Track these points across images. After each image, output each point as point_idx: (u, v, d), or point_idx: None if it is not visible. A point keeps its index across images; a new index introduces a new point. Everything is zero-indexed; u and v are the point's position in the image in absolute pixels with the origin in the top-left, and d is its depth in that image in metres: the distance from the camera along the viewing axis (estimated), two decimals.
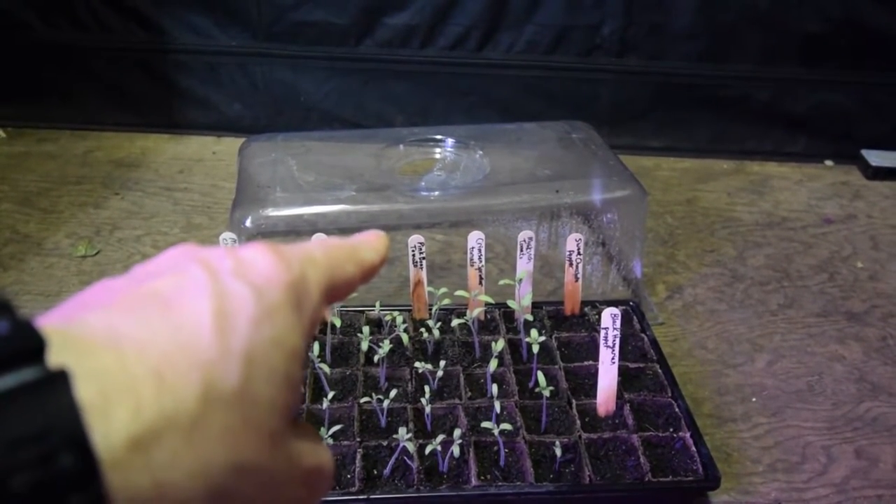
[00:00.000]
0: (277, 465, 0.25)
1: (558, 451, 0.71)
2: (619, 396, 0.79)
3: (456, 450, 0.70)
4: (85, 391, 0.20)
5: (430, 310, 0.88)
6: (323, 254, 0.30)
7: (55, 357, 0.20)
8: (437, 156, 1.11)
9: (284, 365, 0.25)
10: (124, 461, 0.20)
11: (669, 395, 0.81)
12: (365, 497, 0.68)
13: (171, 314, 0.24)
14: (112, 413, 0.20)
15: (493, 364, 0.79)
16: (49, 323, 0.22)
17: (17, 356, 0.20)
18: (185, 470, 0.22)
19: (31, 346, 0.20)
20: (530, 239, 0.87)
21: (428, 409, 0.75)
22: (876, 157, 1.40)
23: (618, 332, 0.76)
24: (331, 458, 0.30)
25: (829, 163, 1.45)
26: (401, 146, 1.11)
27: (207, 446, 0.22)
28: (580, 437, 0.75)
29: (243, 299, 0.25)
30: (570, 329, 0.91)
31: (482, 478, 0.70)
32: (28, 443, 0.19)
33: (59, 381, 0.20)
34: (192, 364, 0.23)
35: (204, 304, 0.24)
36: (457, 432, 0.71)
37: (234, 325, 0.24)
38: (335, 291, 0.30)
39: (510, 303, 0.87)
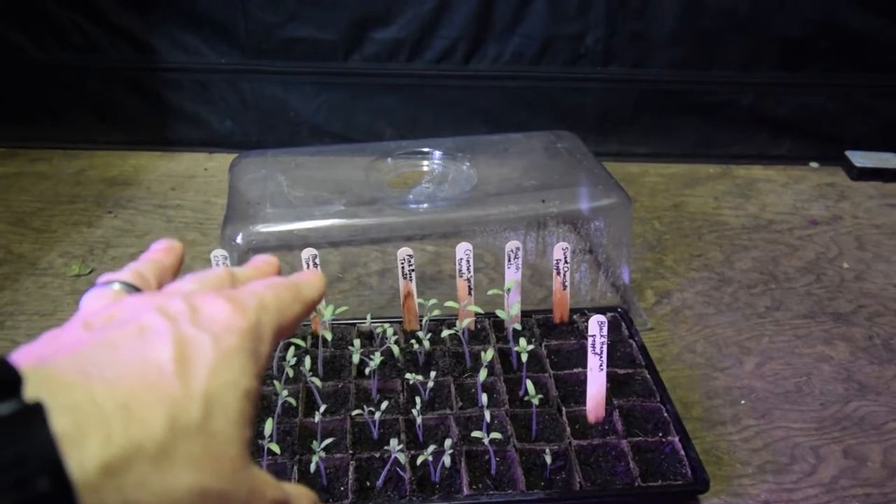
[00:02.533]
0: (240, 492, 0.27)
1: (549, 459, 0.72)
2: (609, 403, 0.80)
3: (447, 460, 0.71)
4: (59, 423, 0.22)
5: (421, 321, 0.89)
6: (273, 297, 0.33)
7: (30, 392, 0.22)
8: (426, 168, 1.12)
9: (239, 404, 0.28)
10: (98, 485, 0.22)
11: (658, 399, 0.82)
12: None
13: (136, 361, 0.26)
14: (85, 442, 0.22)
15: (483, 374, 0.80)
16: (22, 361, 0.24)
17: None
18: (153, 492, 0.24)
19: (7, 380, 0.22)
20: (518, 249, 0.88)
21: (419, 420, 0.76)
22: (860, 158, 1.42)
23: (605, 339, 0.77)
24: (302, 497, 0.32)
25: (814, 165, 1.46)
26: (389, 159, 1.12)
27: (173, 472, 0.25)
28: (570, 443, 0.76)
29: (202, 346, 0.28)
30: (559, 337, 0.92)
31: (474, 487, 0.71)
32: (7, 468, 0.21)
33: (35, 413, 0.22)
34: (157, 400, 0.25)
35: (166, 351, 0.27)
36: (448, 442, 0.72)
37: (195, 370, 0.27)
38: (284, 331, 0.33)
39: (499, 312, 0.88)
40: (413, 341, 0.88)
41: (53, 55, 1.43)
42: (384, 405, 0.77)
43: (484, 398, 0.78)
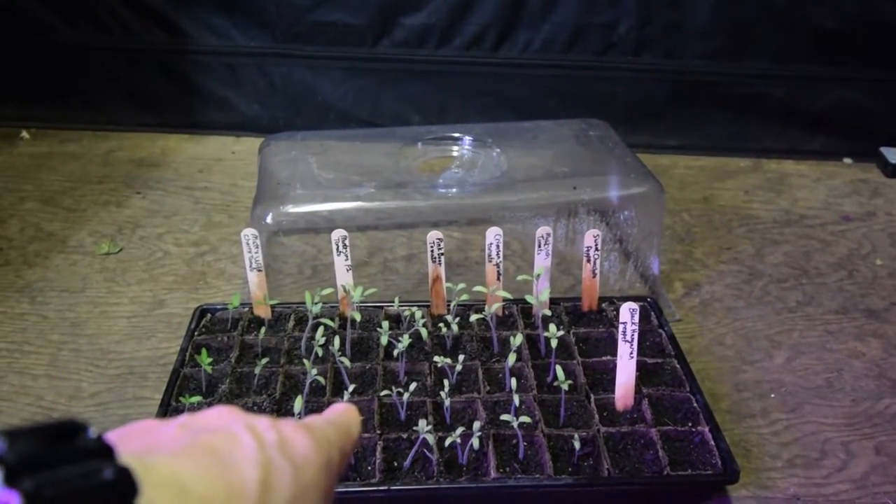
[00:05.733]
0: None
1: (577, 445, 0.71)
2: (638, 391, 0.80)
3: (475, 442, 0.71)
4: None
5: (449, 305, 0.88)
6: (336, 436, 0.35)
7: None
8: (455, 153, 1.11)
9: None
10: None
11: (688, 390, 0.81)
12: (385, 488, 0.69)
13: (226, 476, 0.28)
14: None
15: (511, 358, 0.79)
16: (130, 463, 0.25)
17: (118, 501, 0.24)
18: None
19: (128, 492, 0.24)
20: (548, 235, 0.87)
21: (447, 403, 0.76)
22: (895, 155, 1.40)
23: (636, 327, 0.76)
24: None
25: (847, 160, 1.44)
26: (418, 144, 1.12)
27: None
28: (599, 430, 0.75)
29: (285, 475, 0.29)
30: (587, 325, 0.91)
31: (501, 470, 0.71)
32: None
33: None
34: None
35: (254, 474, 0.28)
36: (476, 425, 0.72)
37: (275, 499, 0.29)
38: (341, 470, 0.36)
39: (528, 298, 0.87)
40: (441, 325, 0.87)
41: (84, 37, 1.44)
42: (412, 387, 0.77)
43: (513, 382, 0.77)
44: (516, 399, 0.75)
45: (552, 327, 0.80)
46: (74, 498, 0.23)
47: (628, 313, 0.76)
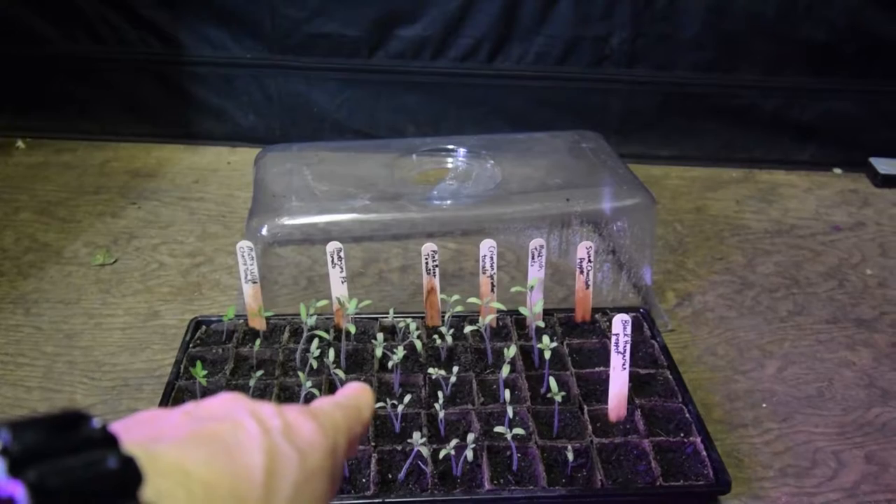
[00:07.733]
0: None
1: (570, 456, 0.72)
2: (630, 402, 0.80)
3: (469, 454, 0.72)
4: None
5: (443, 317, 0.89)
6: (343, 419, 0.35)
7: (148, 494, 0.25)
8: (450, 165, 1.12)
9: None
10: None
11: (680, 400, 0.82)
12: (380, 501, 0.69)
13: (231, 463, 0.28)
14: None
15: (505, 370, 0.80)
16: (134, 452, 0.25)
17: (123, 491, 0.24)
18: None
19: (133, 481, 0.24)
20: (541, 247, 0.88)
21: (441, 415, 0.76)
22: (884, 165, 1.41)
23: (628, 339, 0.77)
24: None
25: (837, 171, 1.46)
26: (413, 156, 1.12)
27: None
28: (592, 441, 0.76)
29: (290, 461, 0.30)
30: (581, 336, 0.92)
31: (495, 482, 0.71)
32: None
33: None
34: None
35: (259, 460, 0.29)
36: (470, 437, 0.73)
37: (281, 485, 0.29)
38: (351, 452, 0.36)
39: (522, 310, 0.88)
40: (435, 336, 0.88)
41: (81, 47, 1.45)
42: (406, 399, 0.78)
43: (506, 394, 0.78)
44: (510, 410, 0.76)
45: (546, 339, 0.81)
46: (78, 488, 0.23)
47: (621, 325, 0.77)
